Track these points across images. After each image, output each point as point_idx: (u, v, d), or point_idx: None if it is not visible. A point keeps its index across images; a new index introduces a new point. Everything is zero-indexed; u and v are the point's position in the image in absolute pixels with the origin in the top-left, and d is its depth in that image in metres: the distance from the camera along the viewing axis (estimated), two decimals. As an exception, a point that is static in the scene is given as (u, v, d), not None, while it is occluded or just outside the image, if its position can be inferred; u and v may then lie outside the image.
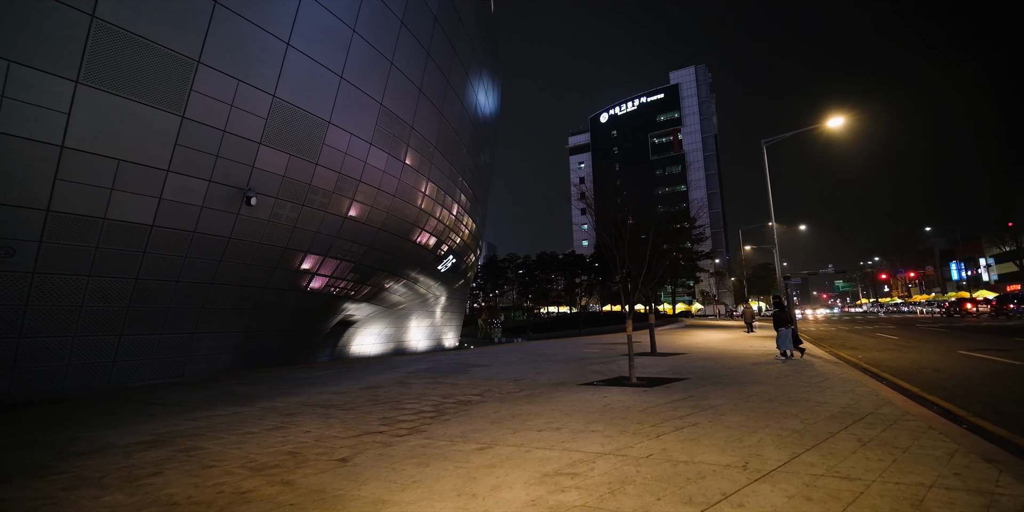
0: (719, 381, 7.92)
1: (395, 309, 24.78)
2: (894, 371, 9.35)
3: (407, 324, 28.47)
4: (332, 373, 10.57)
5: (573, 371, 9.82)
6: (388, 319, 25.70)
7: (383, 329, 26.34)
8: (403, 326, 28.19)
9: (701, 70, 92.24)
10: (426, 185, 15.86)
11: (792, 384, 7.43)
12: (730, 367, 9.71)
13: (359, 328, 24.35)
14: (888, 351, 13.17)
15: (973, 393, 7.02)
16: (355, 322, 23.34)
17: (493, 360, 12.62)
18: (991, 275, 56.70)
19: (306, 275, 12.87)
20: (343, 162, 11.93)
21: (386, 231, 14.71)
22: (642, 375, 8.86)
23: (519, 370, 10.24)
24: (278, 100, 9.98)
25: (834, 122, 18.61)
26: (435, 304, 29.98)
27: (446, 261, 22.34)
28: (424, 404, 6.59)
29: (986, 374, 8.62)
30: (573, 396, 6.90)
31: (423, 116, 14.73)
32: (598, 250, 51.61)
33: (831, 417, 5.18)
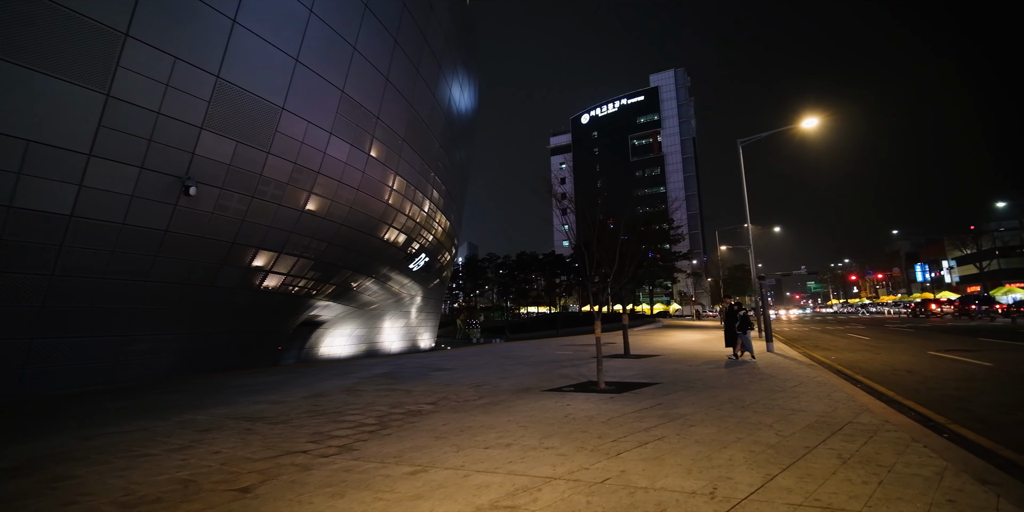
0: (691, 386, 7.49)
1: (367, 309, 23.90)
2: (868, 373, 9.11)
3: (380, 325, 27.58)
4: (282, 379, 9.77)
5: (541, 375, 9.28)
6: (360, 319, 24.79)
7: (354, 330, 25.41)
8: (376, 327, 27.29)
9: (680, 74, 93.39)
10: (394, 179, 15.12)
11: (766, 389, 7.04)
12: (703, 370, 9.33)
13: (328, 329, 23.38)
14: (860, 352, 13.06)
15: (949, 397, 6.75)
16: (323, 323, 22.38)
17: (460, 363, 11.99)
18: (953, 277, 58.81)
19: (259, 273, 12.00)
20: (299, 152, 11.13)
21: (350, 227, 13.92)
22: (612, 379, 8.38)
23: (484, 374, 9.65)
24: (223, 82, 9.15)
25: (808, 123, 18.60)
26: (410, 304, 29.16)
27: (418, 259, 21.59)
28: (368, 415, 5.93)
29: (958, 376, 8.43)
30: (534, 404, 6.34)
31: (390, 107, 14.01)
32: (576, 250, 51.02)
33: (808, 427, 4.75)
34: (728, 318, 11.43)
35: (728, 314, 11.51)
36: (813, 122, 18.43)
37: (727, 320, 11.42)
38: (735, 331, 11.08)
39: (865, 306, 67.65)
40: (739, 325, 10.98)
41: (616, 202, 63.21)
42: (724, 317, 11.63)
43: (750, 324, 11.05)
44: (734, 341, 11.15)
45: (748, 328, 11.12)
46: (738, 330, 10.99)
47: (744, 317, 11.08)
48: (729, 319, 11.35)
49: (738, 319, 11.02)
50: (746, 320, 11.06)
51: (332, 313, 21.08)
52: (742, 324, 10.97)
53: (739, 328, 10.97)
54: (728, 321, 11.38)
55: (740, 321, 10.98)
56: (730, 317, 11.34)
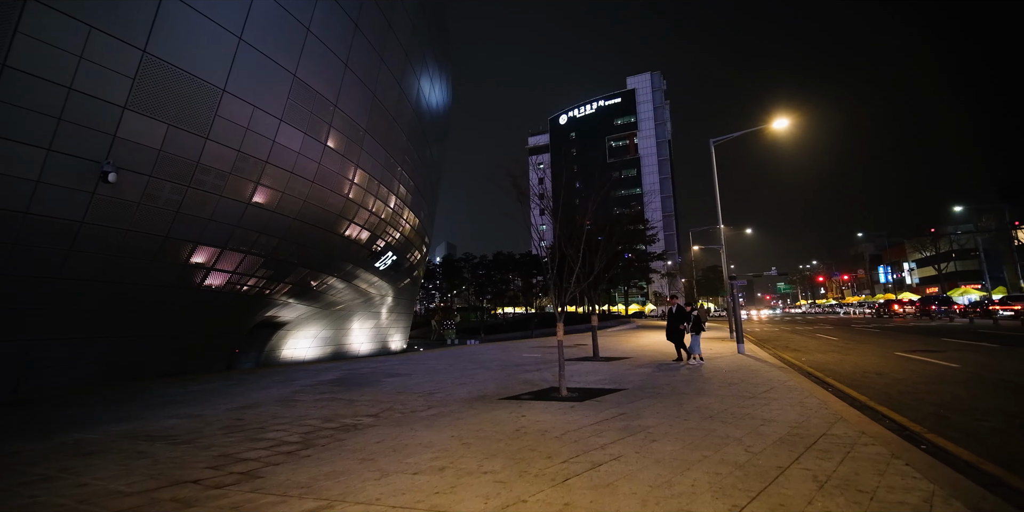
0: (658, 392, 7.02)
1: (332, 310, 22.87)
2: (839, 376, 8.85)
3: (348, 326, 26.51)
4: (216, 387, 8.87)
5: (502, 380, 8.68)
6: (325, 320, 23.72)
7: (320, 331, 24.31)
8: (343, 328, 26.22)
9: (656, 77, 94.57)
10: (355, 172, 14.28)
11: (736, 395, 6.61)
12: (672, 374, 8.90)
13: (291, 330, 22.26)
14: (829, 353, 12.95)
15: (921, 402, 6.46)
16: (285, 324, 21.26)
17: (420, 367, 11.28)
18: (913, 278, 61.15)
19: (199, 270, 11.01)
20: (244, 139, 10.22)
21: (305, 222, 13.02)
22: (576, 385, 7.85)
23: (441, 380, 8.98)
24: (151, 58, 8.22)
25: (779, 123, 18.61)
26: (380, 304, 28.18)
27: (385, 258, 20.71)
28: (293, 432, 5.20)
29: (928, 378, 8.23)
30: (486, 416, 5.73)
31: (350, 95, 13.18)
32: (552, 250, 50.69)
33: (780, 441, 4.28)
34: (672, 319, 10.72)
35: (672, 315, 10.78)
36: (784, 123, 18.45)
37: (671, 321, 10.73)
38: (680, 332, 10.50)
39: (832, 307, 69.72)
40: (691, 326, 10.47)
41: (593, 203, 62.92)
42: (668, 318, 10.89)
43: (702, 326, 10.56)
44: (680, 343, 10.58)
45: (700, 330, 10.59)
46: (691, 331, 10.46)
47: (696, 318, 10.55)
48: (673, 320, 10.65)
49: (689, 320, 10.50)
50: (698, 321, 10.53)
51: (294, 314, 20.01)
52: (694, 325, 10.45)
53: (692, 329, 10.46)
54: (671, 323, 10.67)
55: (693, 323, 10.46)
56: (674, 318, 10.66)
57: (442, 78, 24.86)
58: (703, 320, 11.14)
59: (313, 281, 17.32)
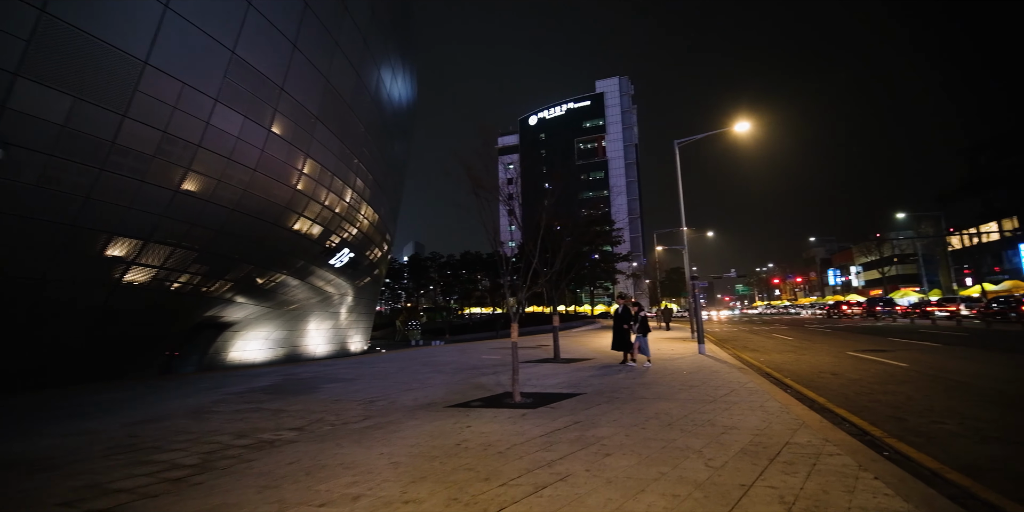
0: (616, 397, 6.62)
1: (285, 309, 21.57)
2: (796, 376, 8.76)
3: (304, 327, 25.16)
4: (131, 396, 7.85)
5: (454, 385, 8.09)
6: (278, 321, 22.35)
7: (272, 332, 22.89)
8: (299, 329, 24.85)
9: (624, 82, 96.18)
10: (304, 162, 13.31)
11: (697, 399, 6.29)
12: (633, 377, 8.56)
13: (240, 331, 20.80)
14: (786, 353, 13.06)
15: (877, 403, 6.35)
16: (231, 324, 19.83)
17: (369, 371, 10.51)
18: (859, 281, 64.64)
19: (119, 264, 9.84)
20: (171, 118, 9.18)
21: (247, 214, 11.98)
22: (532, 389, 7.36)
23: (388, 385, 8.29)
24: (50, 18, 7.14)
25: (740, 127, 18.87)
26: (339, 304, 26.94)
27: (341, 255, 19.66)
28: (193, 452, 4.44)
29: (881, 378, 8.24)
30: (427, 427, 5.13)
31: (300, 79, 12.24)
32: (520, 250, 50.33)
33: (742, 453, 3.91)
34: (617, 320, 10.42)
35: (617, 316, 10.47)
36: (745, 126, 18.73)
37: (618, 322, 10.41)
38: (627, 334, 10.22)
39: (786, 308, 72.80)
40: (638, 327, 10.18)
41: (561, 204, 63.09)
42: (614, 319, 10.57)
43: (648, 327, 10.36)
44: (626, 345, 10.27)
45: (647, 331, 10.32)
46: (636, 332, 10.19)
47: (643, 319, 10.26)
48: (620, 321, 10.35)
49: (636, 320, 10.20)
50: (645, 322, 10.28)
51: (241, 313, 18.67)
52: (641, 326, 10.17)
53: (638, 330, 10.19)
54: (619, 324, 10.37)
55: (639, 323, 10.18)
56: (619, 319, 10.37)
57: (406, 71, 24.00)
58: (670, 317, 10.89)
59: (259, 278, 16.15)
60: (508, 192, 11.55)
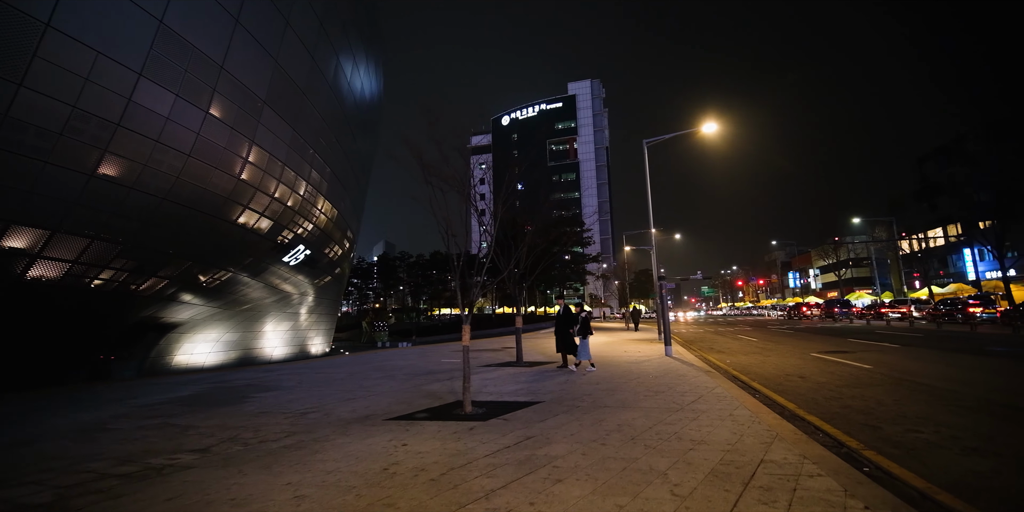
0: (577, 405, 6.06)
1: (238, 309, 20.15)
2: (763, 380, 8.47)
3: (260, 328, 23.68)
4: (15, 411, 6.73)
5: (402, 394, 7.35)
6: (231, 322, 20.88)
7: (224, 334, 21.37)
8: (253, 330, 23.36)
9: (596, 85, 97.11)
10: (250, 149, 12.23)
11: (663, 407, 5.81)
12: (596, 382, 8.05)
13: (187, 333, 19.26)
14: (751, 354, 12.92)
15: (849, 409, 6.04)
16: (176, 325, 18.31)
17: (311, 378, 9.60)
18: (817, 284, 67.25)
19: (18, 258, 8.59)
20: (82, 92, 8.06)
21: (180, 203, 10.84)
22: (486, 398, 6.72)
23: (329, 394, 7.47)
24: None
25: (708, 128, 18.89)
26: (298, 304, 25.54)
27: (296, 252, 18.47)
28: (51, 485, 3.57)
29: (847, 381, 8.04)
30: (356, 446, 4.41)
31: (244, 57, 11.20)
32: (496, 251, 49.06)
33: (713, 476, 3.39)
34: (561, 322, 10.00)
35: (560, 318, 10.07)
36: (712, 127, 18.74)
37: (560, 324, 9.99)
38: (570, 336, 9.80)
39: (749, 309, 74.99)
40: (579, 329, 9.72)
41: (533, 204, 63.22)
42: (557, 321, 10.13)
43: (590, 329, 9.92)
44: (569, 348, 9.84)
45: (588, 333, 9.83)
46: (578, 335, 9.73)
47: (585, 320, 9.78)
48: (563, 323, 9.96)
49: (579, 322, 9.75)
50: (587, 324, 9.83)
51: (187, 314, 17.25)
52: (583, 329, 9.71)
53: (579, 333, 9.72)
54: (561, 325, 9.96)
55: (581, 325, 9.72)
56: (562, 321, 9.98)
57: (369, 62, 22.99)
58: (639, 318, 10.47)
59: (202, 276, 14.86)
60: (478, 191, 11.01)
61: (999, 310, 23.74)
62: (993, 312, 23.61)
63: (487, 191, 18.26)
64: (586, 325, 9.73)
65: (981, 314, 22.87)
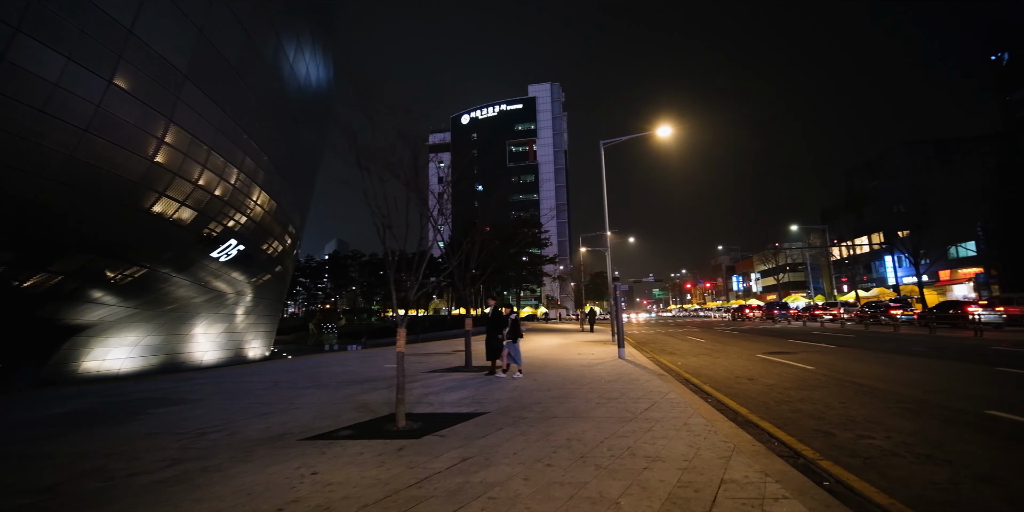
0: (524, 416, 5.52)
1: (160, 309, 18.15)
2: (715, 382, 8.33)
3: (188, 330, 21.53)
4: None
5: (329, 406, 6.51)
6: (154, 323, 18.78)
7: (144, 337, 19.19)
8: (181, 333, 21.20)
9: (556, 88, 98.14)
10: (167, 129, 10.83)
11: (616, 417, 5.37)
12: (547, 388, 7.57)
13: (98, 336, 17.06)
14: (701, 356, 12.98)
15: (799, 413, 5.89)
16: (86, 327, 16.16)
17: (227, 388, 8.50)
18: (758, 287, 71.12)
19: None
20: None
21: (74, 187, 9.35)
22: (425, 410, 6.03)
23: (241, 408, 6.51)
24: None
25: (663, 131, 19.05)
26: (234, 304, 23.51)
27: (227, 247, 16.84)
28: None
29: (794, 383, 8.03)
30: (252, 478, 3.62)
31: (157, 22, 9.86)
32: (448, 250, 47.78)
33: (670, 503, 2.93)
34: (490, 325, 9.15)
35: (490, 320, 9.20)
36: (667, 131, 18.94)
37: (489, 327, 9.13)
38: (499, 340, 9.02)
39: (696, 311, 78.16)
40: (508, 332, 8.93)
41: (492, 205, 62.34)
42: (486, 323, 9.25)
43: (520, 332, 9.11)
44: (497, 352, 9.06)
45: (518, 336, 8.99)
46: (506, 338, 8.94)
47: (514, 323, 8.97)
48: (491, 326, 9.12)
49: (507, 324, 8.95)
50: (517, 327, 9.03)
51: (96, 314, 15.25)
52: (512, 331, 8.93)
53: (508, 336, 8.93)
54: (490, 329, 9.12)
55: (510, 327, 8.92)
56: (492, 323, 9.13)
57: (316, 47, 21.58)
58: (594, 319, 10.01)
59: (110, 271, 13.12)
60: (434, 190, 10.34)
61: (916, 312, 25.73)
62: (911, 314, 25.55)
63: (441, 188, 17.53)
64: (516, 328, 8.95)
65: (901, 316, 24.65)
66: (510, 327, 8.91)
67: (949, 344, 14.02)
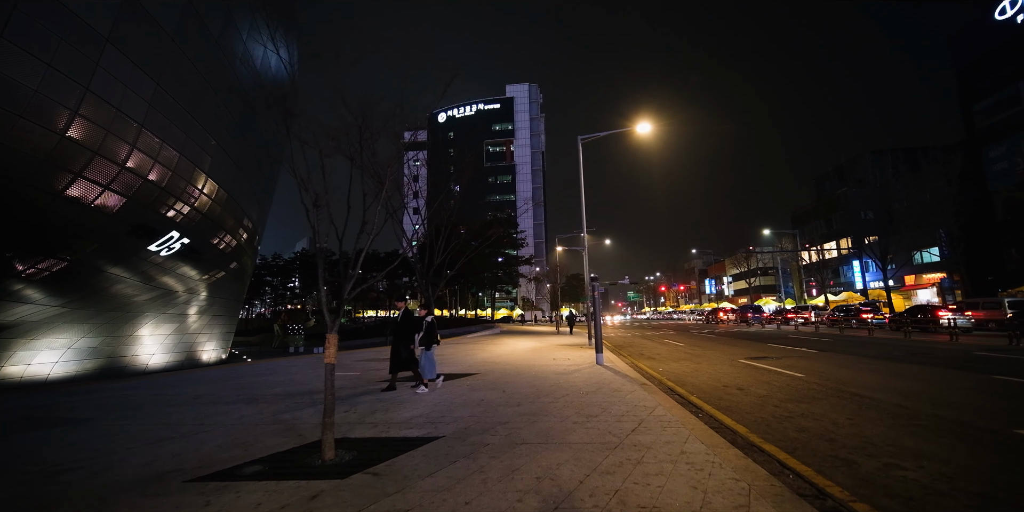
0: (486, 442, 4.49)
1: (96, 309, 16.31)
2: (702, 393, 7.51)
3: (132, 332, 19.59)
4: None
5: (248, 428, 5.31)
6: (89, 323, 16.89)
7: (79, 339, 17.24)
8: (123, 334, 19.25)
9: (534, 89, 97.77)
10: (82, 99, 9.33)
11: (598, 442, 4.41)
12: (517, 401, 6.56)
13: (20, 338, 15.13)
14: (683, 361, 12.25)
15: (807, 433, 5.08)
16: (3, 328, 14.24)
17: (137, 401, 7.13)
18: (730, 290, 72.16)
19: None
20: None
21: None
22: (365, 433, 4.92)
23: (133, 431, 5.24)
24: None
25: (642, 128, 18.43)
26: (185, 303, 21.61)
27: (168, 240, 15.20)
28: None
29: (788, 394, 7.29)
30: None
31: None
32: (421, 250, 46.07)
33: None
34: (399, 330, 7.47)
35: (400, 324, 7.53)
36: (647, 127, 18.31)
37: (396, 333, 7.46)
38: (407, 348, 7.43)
39: (670, 313, 78.80)
40: (422, 338, 7.45)
41: (468, 205, 61.82)
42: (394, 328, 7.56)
43: (436, 338, 7.55)
44: (403, 363, 7.44)
45: (433, 343, 7.46)
46: (420, 346, 7.46)
47: (429, 327, 7.44)
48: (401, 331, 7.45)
49: (422, 329, 7.42)
50: (431, 332, 7.47)
51: (16, 313, 13.48)
52: (426, 337, 7.43)
53: (421, 343, 7.45)
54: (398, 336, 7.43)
55: (424, 333, 7.42)
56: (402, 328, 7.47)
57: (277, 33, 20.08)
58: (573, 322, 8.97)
59: (20, 265, 11.43)
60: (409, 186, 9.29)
61: (887, 316, 25.98)
62: (882, 318, 25.77)
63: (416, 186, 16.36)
64: (431, 333, 7.46)
65: (872, 319, 24.80)
66: (424, 332, 7.41)
67: (929, 349, 13.76)
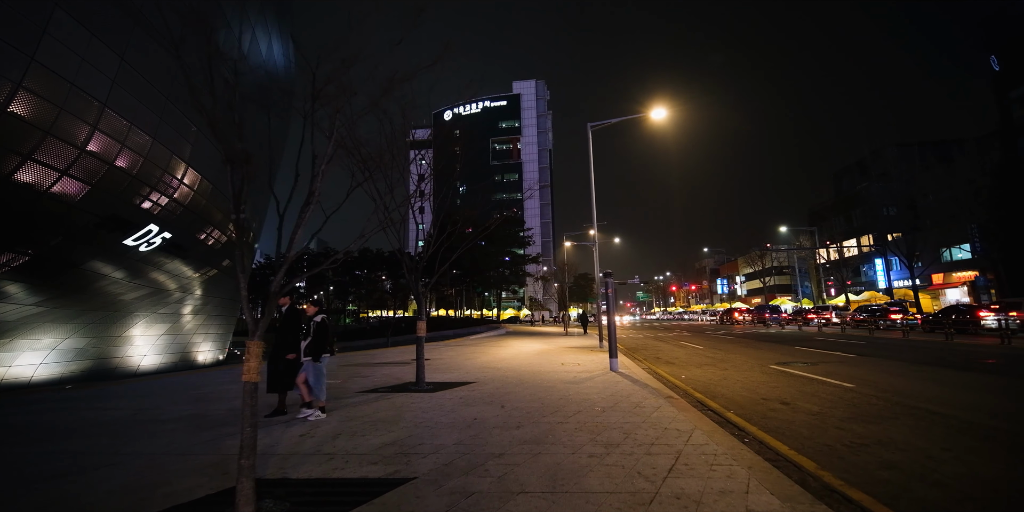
0: (471, 490, 3.25)
1: (76, 307, 15.40)
2: (741, 409, 6.22)
3: (121, 331, 18.68)
4: None
5: (165, 462, 4.14)
6: (74, 323, 16.00)
7: (63, 339, 16.34)
8: (111, 334, 18.34)
9: (540, 85, 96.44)
10: (27, 70, 8.25)
11: (624, 494, 3.15)
12: (517, 422, 5.32)
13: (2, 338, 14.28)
14: (706, 366, 10.93)
15: (898, 472, 3.78)
16: None
17: (53, 420, 6.01)
18: (743, 290, 70.26)
19: None
20: None
21: None
22: (313, 471, 3.70)
23: (18, 462, 4.09)
24: None
25: (657, 113, 17.16)
26: (177, 302, 20.70)
27: (147, 234, 14.18)
28: None
29: (846, 410, 5.97)
30: None
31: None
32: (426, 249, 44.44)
33: None
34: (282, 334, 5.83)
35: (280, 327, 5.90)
36: (662, 113, 17.01)
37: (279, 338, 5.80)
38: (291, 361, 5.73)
39: (680, 314, 77.06)
40: (309, 345, 5.61)
41: (475, 204, 60.45)
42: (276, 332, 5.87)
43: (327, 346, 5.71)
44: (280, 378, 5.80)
45: (323, 352, 5.65)
46: (306, 356, 5.63)
47: (320, 329, 5.65)
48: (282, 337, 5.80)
49: (309, 334, 5.64)
50: (323, 336, 5.65)
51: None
52: (314, 344, 5.60)
53: (308, 352, 5.62)
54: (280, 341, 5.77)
55: (312, 338, 5.62)
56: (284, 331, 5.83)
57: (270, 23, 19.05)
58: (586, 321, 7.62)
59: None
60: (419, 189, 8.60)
61: (919, 317, 24.33)
62: (913, 319, 24.13)
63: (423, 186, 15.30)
64: (322, 338, 5.61)
65: (903, 320, 23.19)
66: (312, 337, 5.58)
67: (985, 354, 12.28)
